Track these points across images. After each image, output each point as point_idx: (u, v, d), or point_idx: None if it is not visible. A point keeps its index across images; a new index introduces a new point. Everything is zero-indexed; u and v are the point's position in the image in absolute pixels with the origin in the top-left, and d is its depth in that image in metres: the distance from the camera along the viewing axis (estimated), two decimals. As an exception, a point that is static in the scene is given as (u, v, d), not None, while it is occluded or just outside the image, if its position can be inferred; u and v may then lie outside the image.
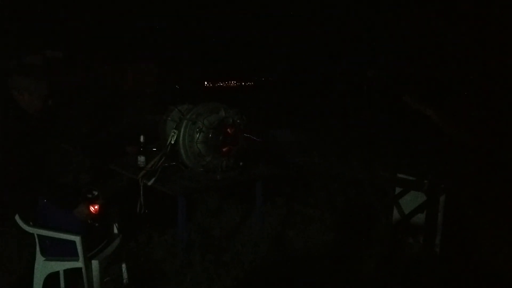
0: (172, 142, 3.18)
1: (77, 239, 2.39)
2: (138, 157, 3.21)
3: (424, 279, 3.01)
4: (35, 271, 2.48)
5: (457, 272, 3.06)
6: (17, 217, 2.45)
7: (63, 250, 2.45)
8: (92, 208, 2.45)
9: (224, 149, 3.19)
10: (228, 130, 3.22)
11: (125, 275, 2.84)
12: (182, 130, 3.19)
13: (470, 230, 3.46)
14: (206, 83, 17.51)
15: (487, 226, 3.55)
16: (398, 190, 3.69)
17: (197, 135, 3.14)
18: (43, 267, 2.48)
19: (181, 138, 3.18)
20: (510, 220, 3.44)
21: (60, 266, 2.53)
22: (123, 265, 2.84)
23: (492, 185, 3.36)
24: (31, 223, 2.46)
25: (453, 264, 3.20)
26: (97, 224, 2.52)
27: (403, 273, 3.12)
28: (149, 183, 3.00)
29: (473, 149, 3.08)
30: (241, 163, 3.33)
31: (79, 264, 2.43)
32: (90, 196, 2.57)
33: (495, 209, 3.44)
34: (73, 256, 2.42)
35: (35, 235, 2.47)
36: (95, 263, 2.46)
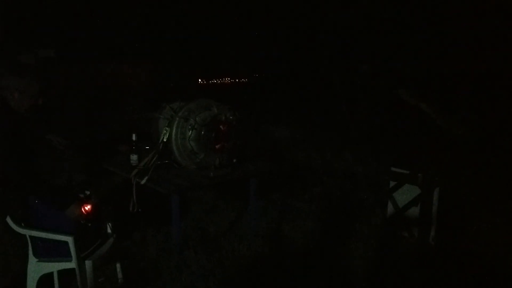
0: (165, 140, 3.15)
1: (69, 239, 2.37)
2: (131, 156, 3.18)
3: (420, 272, 3.02)
4: (28, 272, 2.45)
5: (453, 265, 3.07)
6: (8, 219, 2.42)
7: (56, 251, 2.42)
8: (84, 208, 2.43)
9: (217, 146, 3.18)
10: (221, 127, 3.20)
11: (119, 274, 2.82)
12: (174, 127, 3.16)
13: (465, 222, 3.47)
14: (200, 80, 17.46)
15: (482, 218, 3.57)
16: (392, 183, 3.70)
17: (190, 133, 3.12)
18: (36, 268, 2.45)
19: (173, 136, 3.16)
20: (504, 212, 3.46)
21: (54, 267, 2.50)
22: (118, 265, 2.82)
23: (486, 178, 3.37)
24: (22, 224, 2.43)
25: (448, 256, 3.21)
26: (90, 224, 2.50)
27: (398, 267, 3.13)
28: (142, 182, 2.98)
29: (467, 142, 3.09)
30: (234, 160, 3.32)
31: (73, 264, 2.40)
32: (82, 196, 2.55)
33: (489, 201, 3.46)
34: (66, 256, 2.39)
35: (27, 236, 2.44)
36: (88, 264, 2.44)
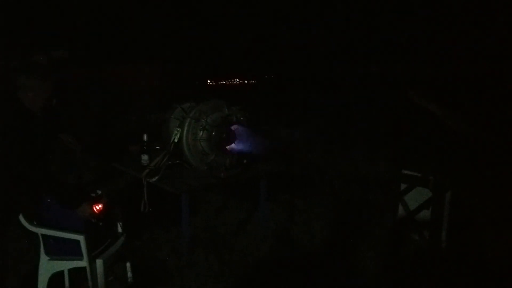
0: (176, 141, 3.17)
1: (81, 238, 2.39)
2: (142, 156, 3.20)
3: (430, 275, 2.99)
4: (40, 270, 2.48)
5: (464, 268, 3.04)
6: (21, 217, 2.45)
7: (67, 250, 2.45)
8: (95, 207, 2.45)
9: (227, 147, 3.18)
10: (232, 127, 3.20)
11: (129, 274, 2.84)
12: (186, 128, 3.17)
13: (476, 225, 3.43)
14: (209, 81, 17.50)
15: (493, 221, 3.52)
16: (403, 186, 3.66)
17: (201, 133, 3.13)
18: (47, 266, 2.48)
19: (184, 136, 3.17)
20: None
21: (65, 265, 2.53)
22: (128, 264, 2.84)
23: (498, 181, 3.33)
24: (35, 222, 2.46)
25: (459, 260, 3.18)
26: (101, 223, 2.52)
27: (409, 270, 3.10)
28: (153, 182, 3.00)
29: (478, 144, 3.05)
30: (245, 161, 3.32)
31: (84, 263, 2.42)
32: (93, 195, 2.58)
33: (501, 204, 3.41)
34: (78, 255, 2.42)
35: (39, 235, 2.46)
36: (99, 262, 2.46)
